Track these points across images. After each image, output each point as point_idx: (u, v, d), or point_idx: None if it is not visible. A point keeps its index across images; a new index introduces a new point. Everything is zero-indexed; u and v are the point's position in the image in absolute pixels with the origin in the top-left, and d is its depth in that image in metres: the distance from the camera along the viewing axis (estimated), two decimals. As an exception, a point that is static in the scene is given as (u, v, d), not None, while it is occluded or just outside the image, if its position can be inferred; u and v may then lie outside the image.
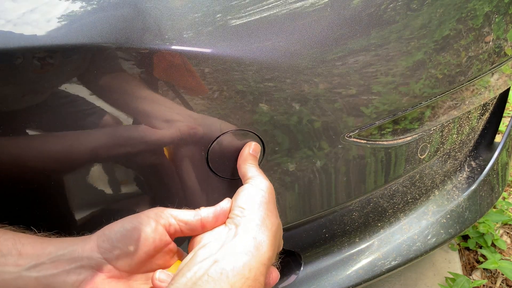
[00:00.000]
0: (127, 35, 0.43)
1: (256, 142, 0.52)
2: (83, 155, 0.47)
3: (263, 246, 0.40)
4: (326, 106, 0.54)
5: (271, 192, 0.47)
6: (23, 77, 0.41)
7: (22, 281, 0.38)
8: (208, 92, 0.48)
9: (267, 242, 0.41)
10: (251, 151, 0.51)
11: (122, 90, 0.45)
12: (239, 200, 0.45)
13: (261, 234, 0.41)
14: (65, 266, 0.39)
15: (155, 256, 0.44)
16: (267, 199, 0.45)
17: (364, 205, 0.75)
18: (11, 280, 0.38)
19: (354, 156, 0.60)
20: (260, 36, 0.49)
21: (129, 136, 0.47)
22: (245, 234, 0.41)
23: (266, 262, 0.40)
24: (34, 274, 0.38)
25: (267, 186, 0.46)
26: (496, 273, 1.13)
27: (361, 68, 0.54)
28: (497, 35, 0.65)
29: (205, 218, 0.45)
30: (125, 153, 0.48)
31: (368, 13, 0.53)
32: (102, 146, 0.47)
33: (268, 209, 0.44)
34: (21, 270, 0.38)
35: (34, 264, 0.39)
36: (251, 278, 0.38)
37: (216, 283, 0.36)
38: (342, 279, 0.72)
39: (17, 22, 0.41)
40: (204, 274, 0.37)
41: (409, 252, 0.77)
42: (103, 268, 0.40)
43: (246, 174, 0.49)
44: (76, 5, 0.44)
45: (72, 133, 0.45)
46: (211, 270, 0.37)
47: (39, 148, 0.45)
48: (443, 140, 0.74)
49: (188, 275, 0.37)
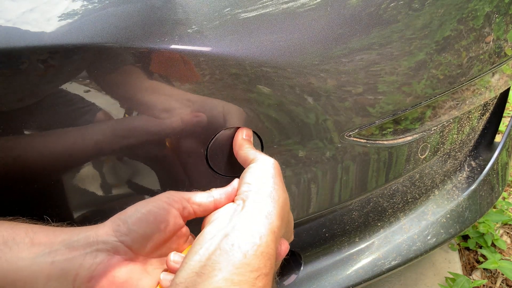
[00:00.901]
0: (127, 34, 0.43)
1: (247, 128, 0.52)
2: (86, 151, 0.47)
3: (272, 215, 0.41)
4: (327, 105, 0.54)
5: (277, 167, 0.47)
6: (23, 77, 0.41)
7: (37, 267, 0.38)
8: (206, 89, 0.48)
9: (275, 211, 0.42)
10: (244, 136, 0.51)
11: (122, 90, 0.45)
12: (246, 178, 0.45)
13: (269, 204, 0.42)
14: (80, 251, 0.39)
15: (169, 240, 0.44)
16: (273, 173, 0.46)
17: (364, 204, 0.75)
18: (26, 267, 0.38)
19: (354, 156, 0.60)
20: (259, 34, 0.48)
21: (129, 134, 0.47)
22: (252, 205, 0.42)
23: (275, 230, 0.41)
24: (49, 259, 0.38)
25: (271, 162, 0.47)
26: (496, 273, 1.14)
27: (363, 67, 0.54)
28: (498, 35, 0.65)
29: (218, 200, 0.46)
30: (125, 151, 0.48)
31: (368, 13, 0.53)
32: (104, 141, 0.47)
33: (274, 182, 0.45)
34: (35, 256, 0.38)
35: (49, 251, 0.39)
36: (263, 245, 0.38)
37: (228, 255, 0.37)
38: (342, 279, 0.72)
39: (16, 22, 0.41)
40: (216, 248, 0.38)
41: (409, 252, 0.77)
42: (119, 250, 0.41)
43: (247, 158, 0.49)
44: (76, 4, 0.44)
45: (73, 130, 0.45)
46: (222, 243, 0.38)
47: (41, 147, 0.45)
48: (443, 140, 0.74)
49: (201, 252, 0.38)
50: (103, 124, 0.46)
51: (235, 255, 0.37)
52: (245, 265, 0.36)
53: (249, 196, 0.43)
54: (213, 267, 0.36)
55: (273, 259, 0.40)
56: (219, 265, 0.36)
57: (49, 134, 0.45)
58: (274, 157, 0.54)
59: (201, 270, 0.36)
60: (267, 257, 0.38)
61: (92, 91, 0.44)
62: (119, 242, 0.41)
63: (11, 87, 0.41)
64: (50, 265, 0.38)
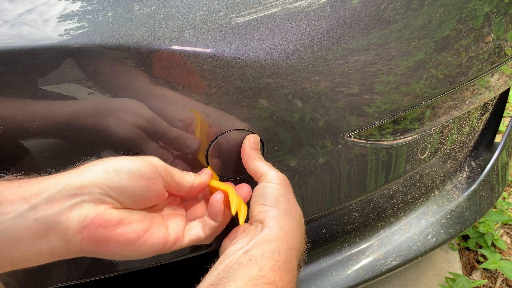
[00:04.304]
0: (126, 35, 0.43)
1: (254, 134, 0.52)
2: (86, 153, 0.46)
3: (292, 232, 0.42)
4: (326, 106, 0.54)
5: (286, 183, 0.48)
6: (22, 78, 0.41)
7: (18, 228, 0.35)
8: (207, 91, 0.48)
9: (295, 228, 0.43)
10: (252, 145, 0.51)
11: (121, 90, 0.45)
12: (259, 199, 0.46)
13: (287, 221, 0.43)
14: (64, 203, 0.37)
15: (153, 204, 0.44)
16: (284, 191, 0.46)
17: (364, 205, 0.75)
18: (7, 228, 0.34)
19: (354, 156, 0.60)
20: (260, 35, 0.48)
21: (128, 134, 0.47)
22: (272, 224, 0.42)
23: (297, 246, 0.42)
24: (31, 216, 0.35)
25: (280, 178, 0.48)
26: (496, 273, 1.13)
27: (362, 67, 0.54)
28: (497, 35, 0.65)
29: (195, 187, 0.47)
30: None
31: (368, 13, 0.52)
32: (104, 144, 0.47)
33: (288, 199, 0.46)
34: (12, 217, 0.34)
35: (28, 207, 0.35)
36: (281, 260, 0.39)
37: (245, 268, 0.38)
38: (342, 279, 0.72)
39: (14, 23, 0.41)
40: (235, 263, 0.39)
41: (409, 252, 0.77)
42: (105, 201, 0.39)
43: (256, 171, 0.49)
44: (75, 5, 0.44)
45: (72, 131, 0.45)
46: (241, 258, 0.39)
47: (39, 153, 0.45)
48: (443, 140, 0.74)
49: (220, 268, 0.39)
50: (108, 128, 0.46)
51: (251, 268, 0.38)
52: (260, 278, 0.37)
53: (267, 217, 0.44)
54: (228, 279, 0.37)
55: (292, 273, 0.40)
56: (234, 277, 0.37)
57: (44, 140, 0.45)
58: (275, 158, 0.54)
59: (217, 282, 0.38)
60: (285, 272, 0.39)
61: (90, 92, 0.44)
62: (106, 195, 0.39)
63: (10, 87, 0.41)
64: (35, 222, 0.35)
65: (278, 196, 0.45)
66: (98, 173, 0.39)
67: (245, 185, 0.51)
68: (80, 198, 0.37)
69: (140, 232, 0.41)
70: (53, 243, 0.36)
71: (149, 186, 0.41)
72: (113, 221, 0.39)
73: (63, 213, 0.36)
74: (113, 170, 0.39)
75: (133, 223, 0.40)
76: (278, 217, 0.43)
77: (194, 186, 0.47)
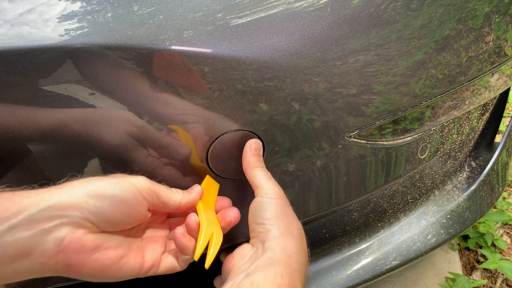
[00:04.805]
0: (126, 35, 0.43)
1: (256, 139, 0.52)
2: (86, 156, 0.46)
3: (294, 253, 0.41)
4: (326, 106, 0.54)
5: (283, 197, 0.47)
6: (21, 78, 0.41)
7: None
8: (207, 91, 0.48)
9: (297, 248, 0.41)
10: (253, 151, 0.50)
11: (121, 90, 0.45)
12: (257, 217, 0.45)
13: (289, 242, 0.42)
14: (43, 225, 0.36)
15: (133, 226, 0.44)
16: (282, 206, 0.45)
17: (364, 205, 0.75)
18: None
19: (354, 156, 0.60)
20: (260, 36, 0.48)
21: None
22: (274, 246, 0.41)
23: (301, 268, 0.41)
24: (11, 238, 0.35)
25: (277, 193, 0.47)
26: (496, 273, 1.13)
27: (361, 67, 0.54)
28: (497, 35, 0.65)
29: (183, 206, 0.46)
30: (127, 152, 0.48)
31: (368, 13, 0.52)
32: (104, 146, 0.47)
33: (286, 214, 0.45)
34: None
35: (8, 228, 0.35)
36: (284, 284, 0.38)
37: None
38: (342, 279, 0.72)
39: (14, 23, 0.41)
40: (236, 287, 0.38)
41: (409, 252, 0.77)
42: (84, 225, 0.39)
43: (253, 181, 0.48)
44: (75, 5, 0.44)
45: (72, 131, 0.45)
46: (243, 283, 0.38)
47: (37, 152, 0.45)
48: (443, 140, 0.74)
49: None
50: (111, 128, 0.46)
51: None
52: None
53: (267, 238, 0.42)
54: None
55: None
56: None
57: (44, 141, 0.45)
58: (275, 160, 0.54)
59: None
60: None
61: (90, 92, 0.44)
62: (85, 220, 0.38)
63: (9, 88, 0.41)
64: (13, 243, 0.35)
65: (277, 212, 0.44)
66: (80, 196, 0.39)
67: (233, 209, 0.49)
68: (59, 220, 0.37)
69: (115, 259, 0.41)
70: (29, 264, 0.37)
71: (130, 212, 0.41)
72: (89, 246, 0.39)
73: (41, 236, 0.36)
74: (96, 195, 0.39)
75: (109, 249, 0.40)
76: (279, 237, 0.42)
77: (181, 206, 0.46)
